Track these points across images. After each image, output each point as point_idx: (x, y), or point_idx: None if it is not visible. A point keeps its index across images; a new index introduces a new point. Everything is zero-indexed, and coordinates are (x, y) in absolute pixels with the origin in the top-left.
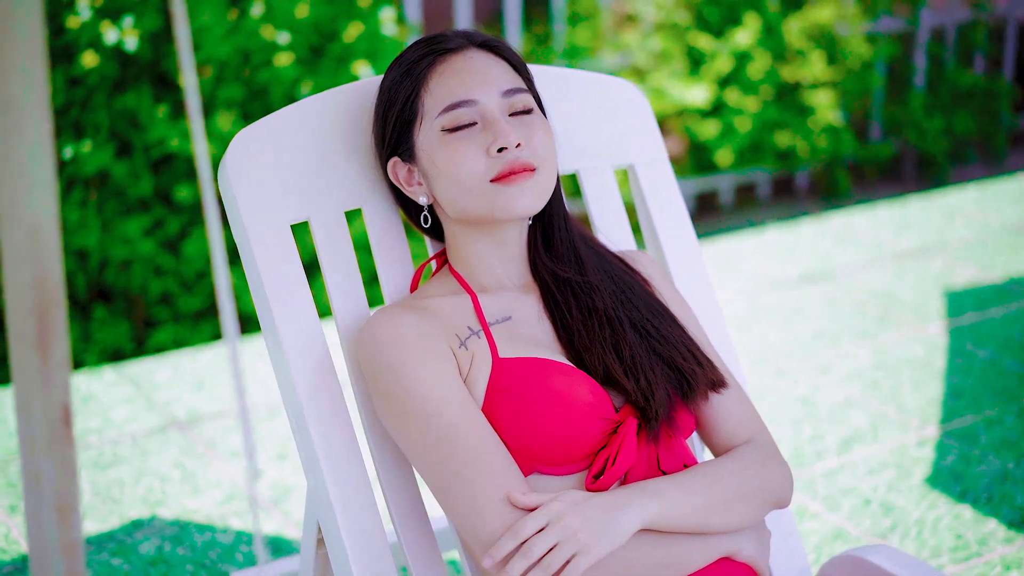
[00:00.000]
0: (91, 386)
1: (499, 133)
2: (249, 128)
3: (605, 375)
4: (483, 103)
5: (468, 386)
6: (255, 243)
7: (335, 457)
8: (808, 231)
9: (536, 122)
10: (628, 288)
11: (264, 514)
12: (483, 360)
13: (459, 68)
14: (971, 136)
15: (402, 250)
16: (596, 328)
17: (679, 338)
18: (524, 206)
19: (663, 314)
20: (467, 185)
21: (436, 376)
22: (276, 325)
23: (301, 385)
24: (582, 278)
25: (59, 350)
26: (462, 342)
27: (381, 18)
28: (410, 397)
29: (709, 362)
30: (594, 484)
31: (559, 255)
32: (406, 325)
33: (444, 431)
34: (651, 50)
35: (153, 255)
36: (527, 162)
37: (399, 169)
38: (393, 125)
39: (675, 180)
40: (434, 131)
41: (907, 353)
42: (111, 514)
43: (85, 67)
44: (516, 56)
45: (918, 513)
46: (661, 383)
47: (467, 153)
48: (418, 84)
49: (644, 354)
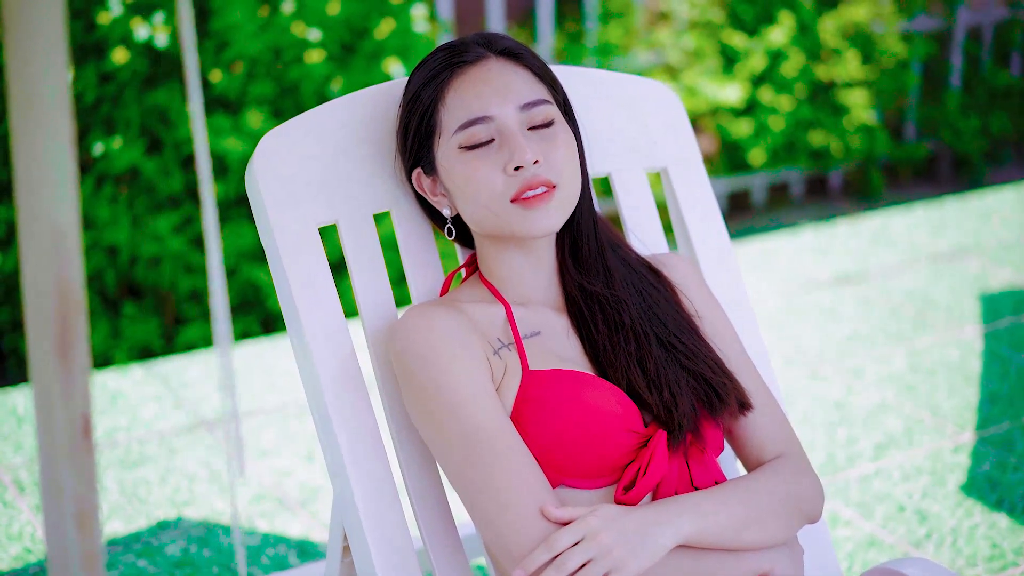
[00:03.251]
0: (120, 384)
1: (516, 151)
2: (277, 129)
3: (629, 389)
4: (500, 119)
5: (500, 394)
6: (282, 244)
7: (361, 462)
8: (843, 232)
9: (558, 135)
10: (656, 302)
11: (291, 515)
12: (514, 372)
13: (476, 82)
14: (1007, 136)
15: (431, 254)
16: (621, 343)
17: (706, 353)
18: (544, 226)
19: (690, 329)
20: (486, 204)
21: (468, 374)
22: (303, 327)
23: (327, 388)
24: (609, 292)
25: (80, 358)
26: (495, 351)
27: (413, 15)
28: (440, 391)
29: (735, 379)
30: (625, 496)
31: (587, 267)
32: (442, 319)
33: (472, 430)
34: (684, 48)
35: (183, 252)
36: (546, 179)
37: (423, 180)
38: (413, 137)
39: (708, 182)
40: (452, 148)
41: (942, 357)
42: (137, 514)
43: (116, 63)
44: (538, 63)
45: (953, 521)
46: (686, 395)
47: (484, 172)
48: (436, 98)
49: (670, 368)
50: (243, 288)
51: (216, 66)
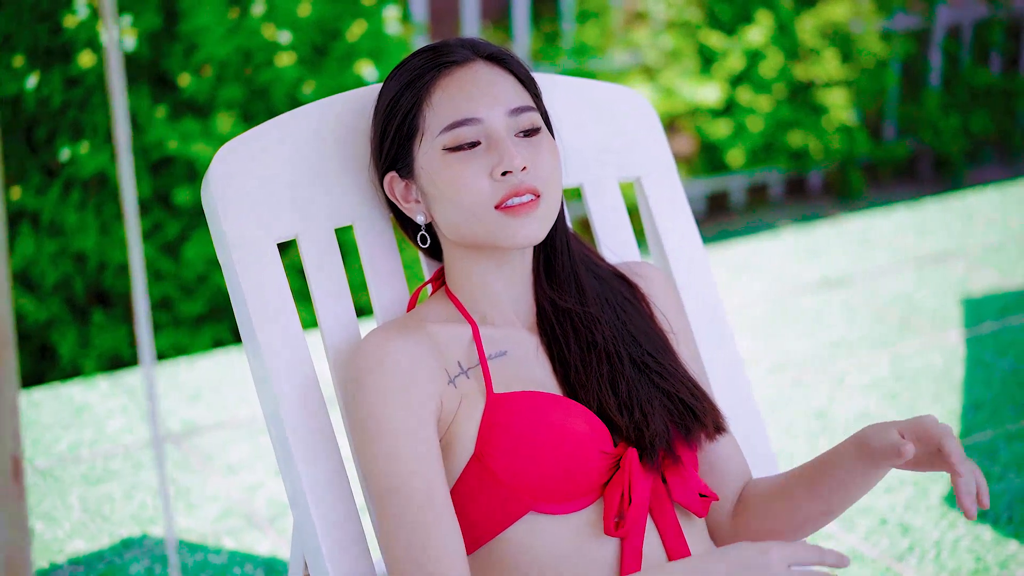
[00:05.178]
0: (86, 396)
1: (504, 155)
2: (234, 141)
3: (600, 410)
4: (488, 122)
5: (458, 424)
6: (239, 262)
7: (321, 490)
8: (825, 234)
9: (543, 143)
10: (630, 318)
11: (259, 533)
12: (477, 397)
13: (464, 83)
14: (988, 135)
15: (395, 270)
16: (594, 363)
17: (682, 373)
18: (528, 236)
19: (665, 347)
20: (469, 210)
21: (405, 423)
22: (261, 350)
23: (286, 415)
24: (583, 309)
25: (8, 396)
26: (451, 379)
27: (385, 17)
28: (376, 436)
29: (711, 401)
30: (617, 531)
31: (560, 282)
32: (396, 351)
33: (398, 483)
34: (662, 48)
35: (152, 258)
36: (532, 186)
37: (395, 184)
38: (392, 139)
39: (683, 192)
40: (435, 149)
41: (926, 363)
42: (101, 533)
43: (83, 67)
44: (524, 70)
45: (937, 534)
46: (659, 415)
47: (470, 176)
48: (420, 98)
49: (643, 388)
50: (214, 295)
51: (185, 69)
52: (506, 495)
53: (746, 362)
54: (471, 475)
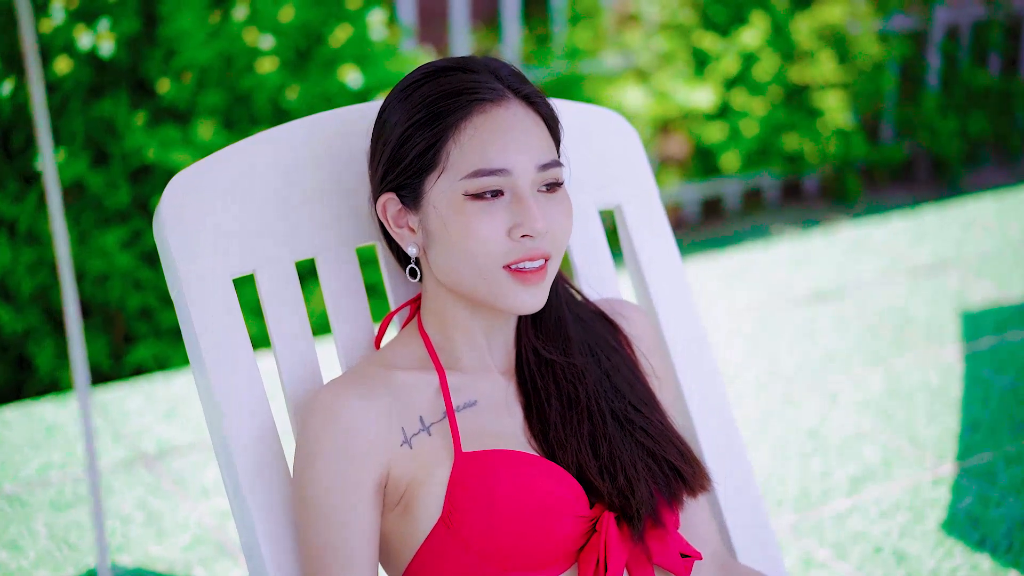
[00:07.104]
0: (57, 416)
1: (527, 217)
2: (187, 170)
3: (579, 473)
4: (517, 175)
5: (418, 485)
6: (191, 299)
7: (277, 543)
8: (819, 243)
9: (563, 201)
10: (614, 367)
11: (231, 561)
12: (442, 455)
13: (498, 127)
14: (985, 137)
15: (360, 306)
16: (574, 422)
17: (669, 430)
18: (531, 306)
19: (649, 400)
20: (478, 263)
21: (344, 495)
22: (214, 393)
23: (240, 461)
24: (567, 360)
25: None
26: (407, 439)
27: (370, 21)
28: (311, 501)
29: (699, 462)
30: None
31: (547, 329)
32: (348, 413)
33: (325, 549)
34: (655, 51)
35: (132, 268)
36: (546, 252)
37: (390, 205)
38: (405, 168)
39: (666, 220)
40: (455, 192)
41: (921, 380)
42: (66, 562)
43: (59, 73)
44: (551, 110)
45: (933, 562)
46: (643, 480)
47: (487, 229)
48: (447, 134)
49: (625, 448)
50: None
51: (164, 75)
52: (475, 561)
53: (734, 377)
54: (436, 539)
